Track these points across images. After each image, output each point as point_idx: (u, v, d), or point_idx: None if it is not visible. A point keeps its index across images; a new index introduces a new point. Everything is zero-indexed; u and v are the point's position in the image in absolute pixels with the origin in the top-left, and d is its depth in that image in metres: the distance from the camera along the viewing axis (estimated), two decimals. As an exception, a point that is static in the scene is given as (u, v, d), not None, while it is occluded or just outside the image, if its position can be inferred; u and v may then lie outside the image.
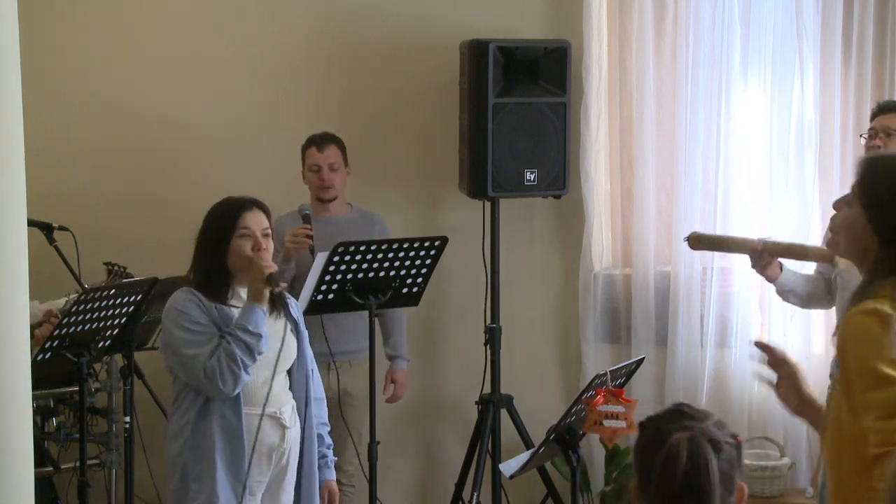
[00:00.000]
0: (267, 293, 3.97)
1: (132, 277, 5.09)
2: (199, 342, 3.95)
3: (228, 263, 4.02)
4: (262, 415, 3.97)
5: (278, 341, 4.02)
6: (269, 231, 4.07)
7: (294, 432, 4.12)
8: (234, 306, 4.03)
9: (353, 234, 5.08)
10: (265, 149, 5.84)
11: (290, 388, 4.16)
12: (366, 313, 4.92)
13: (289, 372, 4.16)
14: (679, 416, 2.28)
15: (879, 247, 2.74)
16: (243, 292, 4.04)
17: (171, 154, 6.00)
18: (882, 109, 4.65)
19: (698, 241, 4.57)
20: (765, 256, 4.38)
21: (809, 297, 4.70)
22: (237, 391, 3.95)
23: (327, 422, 4.32)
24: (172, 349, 4.02)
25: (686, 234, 4.62)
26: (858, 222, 2.78)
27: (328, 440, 4.28)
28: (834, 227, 2.94)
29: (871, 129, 4.64)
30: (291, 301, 4.24)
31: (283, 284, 4.13)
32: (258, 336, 3.92)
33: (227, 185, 5.80)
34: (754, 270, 4.56)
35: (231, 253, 4.01)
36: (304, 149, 5.36)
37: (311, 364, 4.23)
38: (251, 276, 3.98)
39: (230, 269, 4.03)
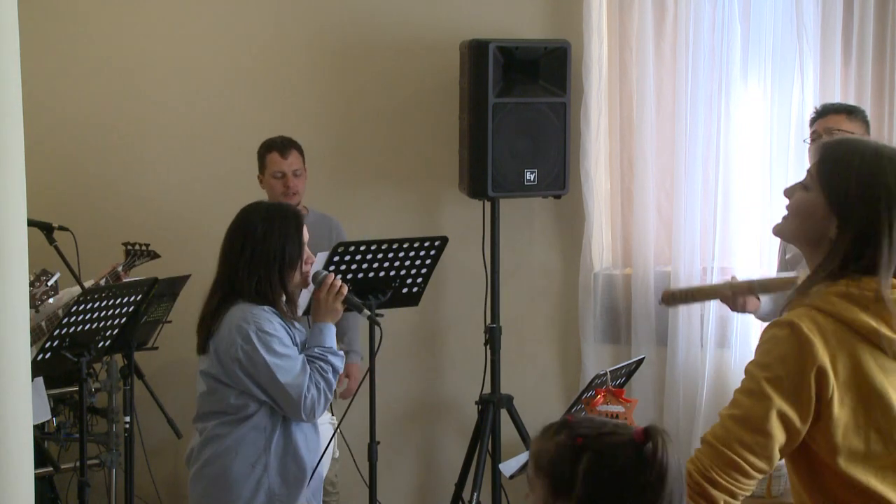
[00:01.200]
0: (342, 311, 3.94)
1: (155, 254, 5.09)
2: (296, 370, 3.79)
3: (290, 285, 3.90)
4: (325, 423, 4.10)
5: None
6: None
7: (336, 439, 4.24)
8: (295, 324, 3.94)
9: (316, 236, 5.12)
10: (265, 149, 5.84)
11: None
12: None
13: None
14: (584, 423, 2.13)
15: (836, 233, 2.63)
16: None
17: (171, 155, 6.01)
18: (821, 113, 4.67)
19: (672, 298, 4.53)
20: (737, 298, 4.36)
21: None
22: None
23: None
24: (260, 376, 3.79)
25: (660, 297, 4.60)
26: (817, 207, 2.67)
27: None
28: (788, 211, 2.80)
29: (813, 132, 4.66)
30: None
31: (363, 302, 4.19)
32: (342, 356, 3.91)
33: (228, 185, 5.84)
34: (736, 312, 4.56)
35: (296, 278, 3.91)
36: (264, 153, 5.32)
37: None
38: (325, 296, 3.92)
39: (291, 290, 3.92)
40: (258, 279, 3.82)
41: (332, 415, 4.28)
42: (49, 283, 4.68)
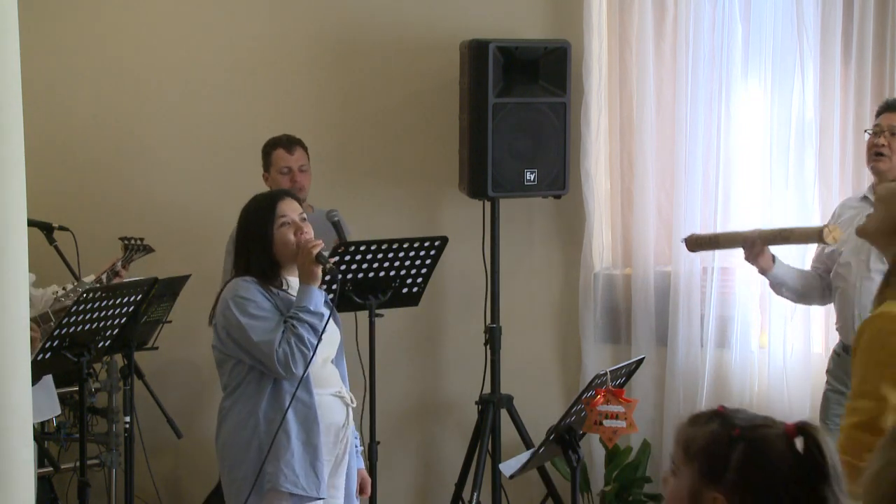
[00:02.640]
0: (319, 272, 4.00)
1: (150, 248, 5.09)
2: (268, 328, 3.97)
3: (274, 254, 4.06)
4: (330, 394, 4.10)
5: (330, 323, 4.10)
6: (304, 215, 4.13)
7: (352, 412, 4.21)
8: (289, 294, 4.07)
9: (322, 234, 5.12)
10: (265, 149, 5.83)
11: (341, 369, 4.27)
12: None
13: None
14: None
15: None
16: (293, 280, 4.09)
17: (171, 154, 6.01)
18: (890, 107, 4.65)
19: (696, 244, 4.60)
20: (756, 244, 4.40)
21: (804, 291, 4.72)
22: (304, 371, 3.98)
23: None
24: (237, 337, 4.00)
25: (684, 237, 4.64)
26: None
27: (356, 433, 4.35)
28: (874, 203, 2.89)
29: (876, 125, 4.64)
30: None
31: (334, 259, 4.15)
32: (320, 315, 3.97)
33: (228, 185, 5.83)
34: (748, 262, 4.60)
35: (276, 243, 4.05)
36: (270, 150, 5.32)
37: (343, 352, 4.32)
38: (301, 260, 4.02)
39: (277, 260, 4.06)
40: (245, 258, 4.10)
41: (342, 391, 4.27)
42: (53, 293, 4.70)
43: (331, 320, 4.13)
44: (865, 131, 4.75)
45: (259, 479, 3.98)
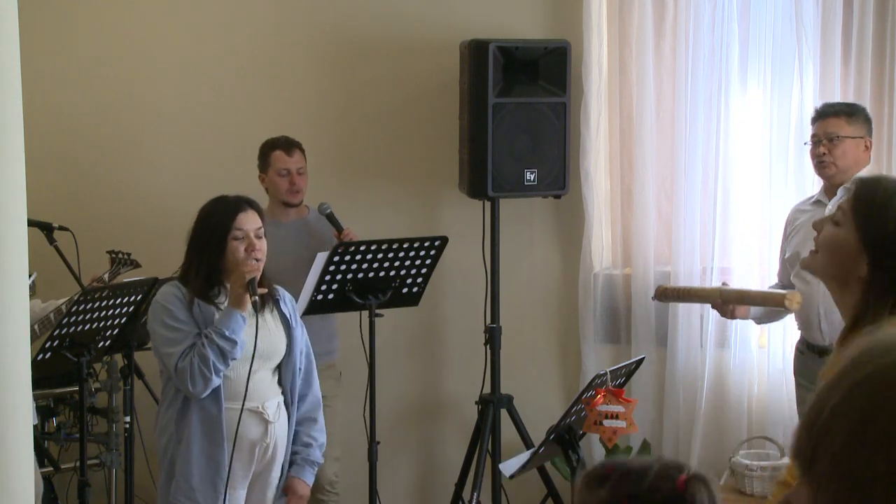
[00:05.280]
0: (247, 299, 3.97)
1: (137, 263, 5.10)
2: (176, 340, 3.99)
3: (221, 263, 4.04)
4: (241, 409, 4.02)
5: (265, 339, 4.06)
6: (262, 232, 4.09)
7: (279, 427, 4.13)
8: (219, 305, 4.05)
9: (319, 234, 5.17)
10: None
11: (280, 383, 4.18)
12: (329, 316, 4.98)
13: (278, 367, 4.17)
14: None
15: (869, 272, 2.61)
16: None
17: (171, 154, 6.01)
18: (820, 115, 4.69)
19: (664, 295, 4.53)
20: (727, 305, 4.37)
21: (771, 314, 4.73)
22: (206, 393, 3.98)
23: (315, 418, 4.30)
24: (154, 344, 4.09)
25: (654, 293, 4.62)
26: (847, 243, 2.65)
27: (307, 439, 4.25)
28: (817, 245, 2.77)
29: (813, 135, 4.68)
30: (286, 296, 4.26)
31: (262, 291, 4.08)
32: (233, 342, 3.95)
33: (227, 185, 5.82)
34: (725, 318, 4.62)
35: (226, 253, 4.02)
36: (268, 151, 5.32)
37: (303, 361, 4.24)
38: (233, 280, 4.00)
39: (222, 268, 4.05)
40: (191, 259, 4.11)
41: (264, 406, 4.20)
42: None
43: (282, 333, 4.12)
44: (805, 143, 4.80)
45: (169, 490, 4.07)
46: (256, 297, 3.96)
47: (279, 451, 4.15)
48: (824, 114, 4.68)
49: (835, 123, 4.63)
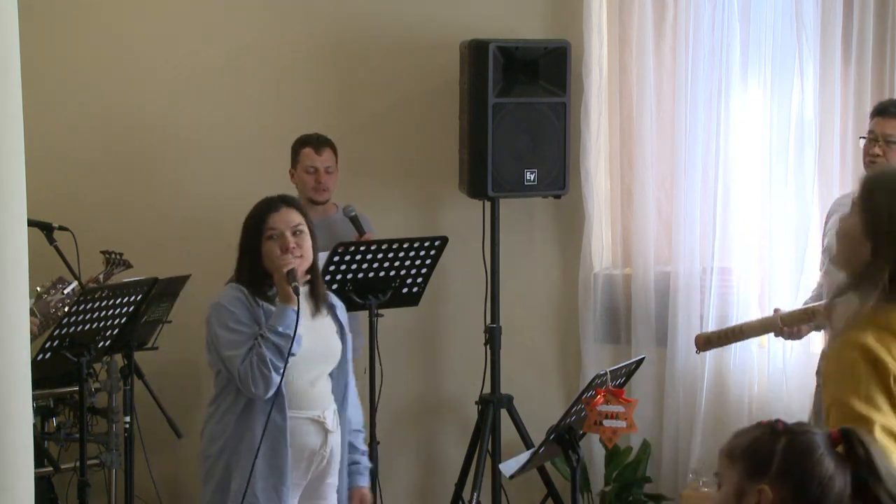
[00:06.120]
0: (292, 292, 3.96)
1: (129, 264, 5.09)
2: (238, 342, 3.96)
3: (262, 264, 4.03)
4: (307, 418, 4.04)
5: (324, 342, 4.07)
6: (303, 226, 4.06)
7: (336, 436, 4.13)
8: (277, 304, 4.05)
9: (340, 235, 5.13)
10: (265, 149, 5.83)
11: (332, 392, 4.16)
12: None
13: (330, 375, 4.15)
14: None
15: (870, 258, 2.74)
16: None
17: (170, 154, 6.01)
18: (881, 112, 4.61)
19: (708, 343, 4.33)
20: (791, 329, 4.23)
21: None
22: (270, 393, 3.94)
23: (362, 428, 4.35)
24: (215, 346, 4.02)
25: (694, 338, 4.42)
26: (854, 231, 2.79)
27: (362, 447, 4.29)
28: (836, 238, 2.95)
29: (870, 132, 4.61)
30: (338, 304, 4.25)
31: (306, 278, 4.08)
32: (287, 336, 3.92)
33: (227, 185, 5.84)
34: (791, 339, 4.51)
35: (264, 256, 4.02)
36: (298, 148, 5.33)
37: (350, 368, 4.25)
38: (277, 279, 3.99)
39: (265, 270, 4.04)
40: (240, 264, 4.11)
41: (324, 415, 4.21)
42: (65, 292, 4.68)
43: (338, 340, 4.12)
44: (861, 137, 4.74)
45: (223, 496, 4.01)
46: (297, 283, 3.95)
47: (334, 459, 4.14)
48: (885, 111, 4.60)
49: (893, 125, 4.57)
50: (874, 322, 2.69)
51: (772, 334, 4.42)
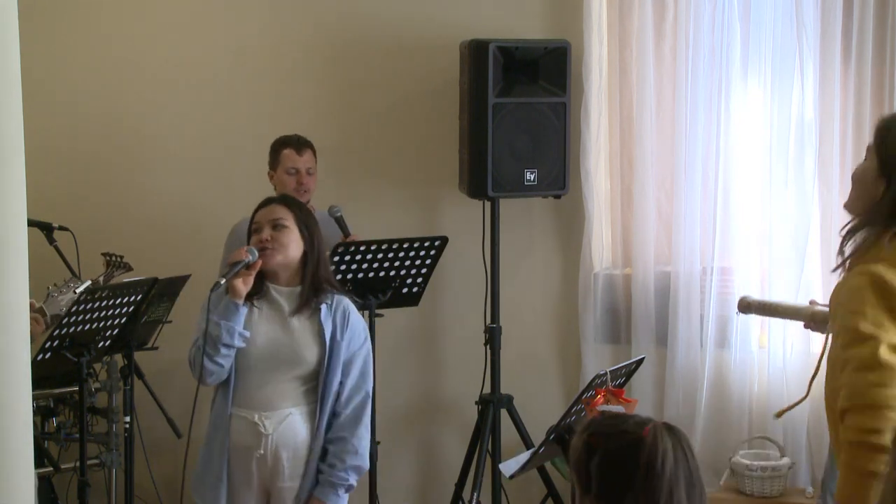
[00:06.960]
0: (238, 285, 4.01)
1: (129, 267, 5.10)
2: (200, 330, 4.07)
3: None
4: (243, 417, 4.07)
5: (289, 345, 4.05)
6: (286, 221, 4.09)
7: (284, 438, 4.04)
8: (255, 305, 4.10)
9: (328, 234, 5.09)
10: (266, 150, 5.82)
11: (304, 395, 4.08)
12: None
13: (301, 379, 4.09)
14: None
15: (883, 192, 2.86)
16: (276, 288, 4.11)
17: (170, 154, 6.01)
18: None
19: (748, 307, 4.38)
20: (820, 324, 4.27)
21: None
22: (211, 380, 4.07)
23: (344, 437, 4.08)
24: None
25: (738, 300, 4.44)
26: (870, 170, 2.91)
27: (332, 459, 4.07)
28: (852, 184, 3.07)
29: None
30: (339, 307, 4.11)
31: (238, 269, 4.04)
32: (226, 327, 3.99)
33: (227, 185, 5.84)
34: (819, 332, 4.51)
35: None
36: (278, 149, 5.29)
37: (342, 376, 4.08)
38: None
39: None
40: None
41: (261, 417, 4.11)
42: (77, 291, 4.68)
43: (314, 344, 4.06)
44: None
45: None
46: (222, 283, 3.99)
47: (284, 463, 4.05)
48: None
49: None
50: (884, 258, 2.81)
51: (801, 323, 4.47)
